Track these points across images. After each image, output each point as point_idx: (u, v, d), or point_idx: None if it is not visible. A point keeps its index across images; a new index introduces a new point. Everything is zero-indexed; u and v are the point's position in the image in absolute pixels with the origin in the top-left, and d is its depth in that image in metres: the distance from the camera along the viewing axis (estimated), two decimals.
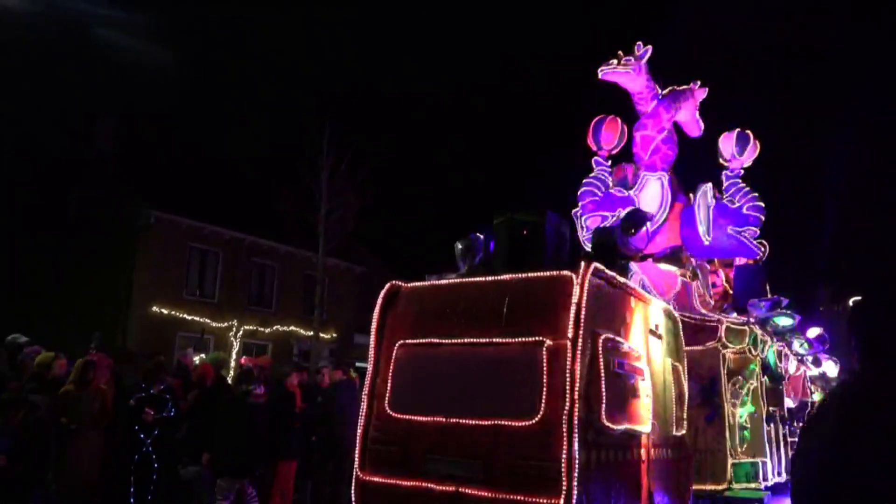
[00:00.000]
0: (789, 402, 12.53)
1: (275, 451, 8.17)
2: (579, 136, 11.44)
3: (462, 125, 52.53)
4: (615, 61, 10.36)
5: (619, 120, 10.96)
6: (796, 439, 12.13)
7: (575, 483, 4.43)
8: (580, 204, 10.90)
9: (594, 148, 11.01)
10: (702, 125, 11.17)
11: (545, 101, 58.19)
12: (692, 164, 11.51)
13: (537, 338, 4.85)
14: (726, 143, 10.65)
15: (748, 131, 10.76)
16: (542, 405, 4.65)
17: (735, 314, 9.97)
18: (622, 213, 9.88)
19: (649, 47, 10.40)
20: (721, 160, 10.90)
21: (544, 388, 4.69)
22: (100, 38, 22.94)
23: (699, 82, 11.03)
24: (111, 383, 7.78)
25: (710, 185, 10.29)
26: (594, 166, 11.02)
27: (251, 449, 7.51)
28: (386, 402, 5.38)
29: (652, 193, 10.34)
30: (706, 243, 10.08)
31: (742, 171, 10.75)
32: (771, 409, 10.72)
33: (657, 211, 10.17)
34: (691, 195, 10.50)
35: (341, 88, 21.15)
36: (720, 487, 8.77)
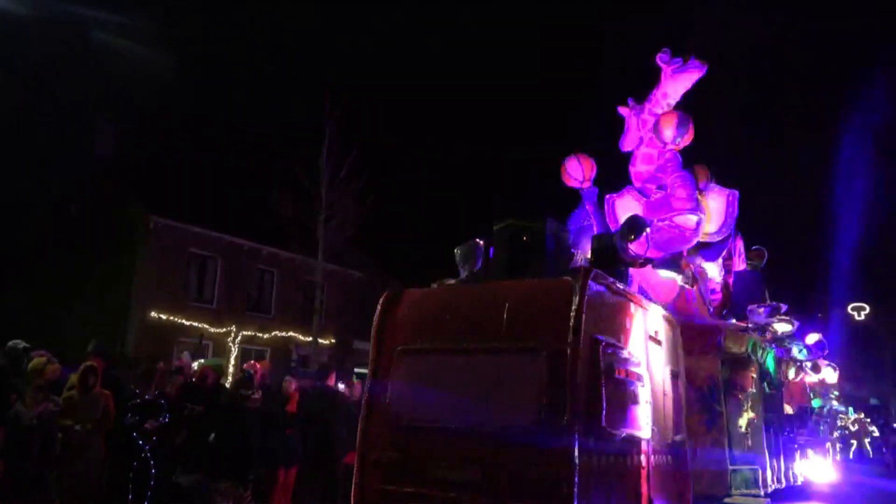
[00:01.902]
0: (788, 409, 12.53)
1: (273, 456, 8.16)
2: (576, 142, 11.29)
3: (462, 130, 52.62)
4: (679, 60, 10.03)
5: None
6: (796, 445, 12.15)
7: (575, 490, 4.43)
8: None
9: (666, 142, 9.98)
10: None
11: (544, 106, 58.34)
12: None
13: (537, 344, 4.86)
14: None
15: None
16: (542, 411, 4.65)
17: (734, 320, 9.97)
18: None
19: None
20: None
21: (544, 394, 4.69)
22: (99, 42, 22.98)
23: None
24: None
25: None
26: (676, 163, 10.00)
27: (247, 453, 7.50)
28: (385, 408, 5.38)
29: (716, 208, 10.01)
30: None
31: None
32: (770, 415, 10.71)
33: (719, 227, 9.93)
34: None
35: (342, 94, 21.20)
36: (719, 494, 8.76)
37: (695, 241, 9.70)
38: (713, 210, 10.07)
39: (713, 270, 10.32)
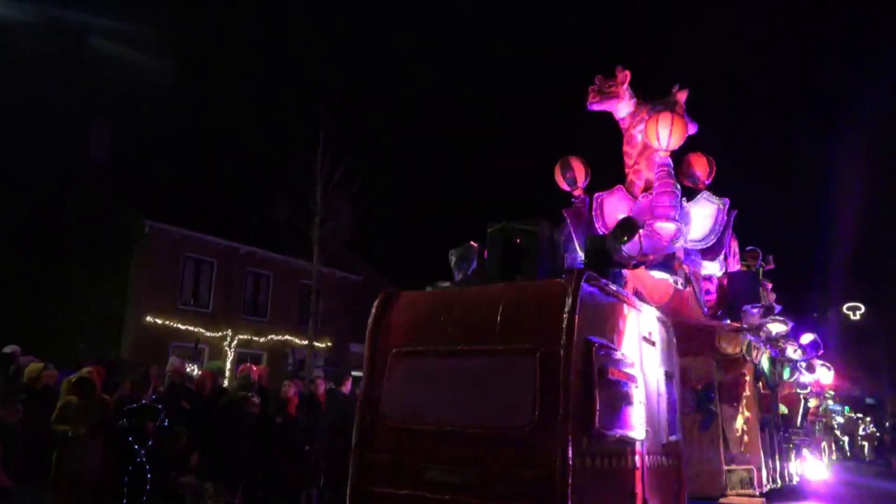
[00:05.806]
0: (783, 409, 12.58)
1: (272, 459, 8.15)
2: (573, 145, 11.28)
3: (457, 133, 52.71)
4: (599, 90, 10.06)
5: None
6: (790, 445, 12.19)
7: (569, 490, 4.45)
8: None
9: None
10: None
11: (541, 109, 58.45)
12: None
13: (531, 345, 4.87)
14: (698, 163, 10.32)
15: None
16: (536, 412, 4.66)
17: (728, 321, 10.00)
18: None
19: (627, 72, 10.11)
20: (688, 179, 10.60)
21: (538, 396, 4.70)
22: (94, 47, 22.97)
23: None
24: None
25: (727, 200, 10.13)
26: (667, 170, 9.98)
27: (238, 456, 7.47)
28: (380, 410, 5.39)
29: (705, 216, 10.00)
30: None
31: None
32: (765, 415, 10.74)
33: (704, 236, 9.80)
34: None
35: (336, 98, 21.20)
36: (714, 494, 8.79)
37: (673, 249, 9.69)
38: (702, 217, 9.90)
39: (713, 268, 10.26)
